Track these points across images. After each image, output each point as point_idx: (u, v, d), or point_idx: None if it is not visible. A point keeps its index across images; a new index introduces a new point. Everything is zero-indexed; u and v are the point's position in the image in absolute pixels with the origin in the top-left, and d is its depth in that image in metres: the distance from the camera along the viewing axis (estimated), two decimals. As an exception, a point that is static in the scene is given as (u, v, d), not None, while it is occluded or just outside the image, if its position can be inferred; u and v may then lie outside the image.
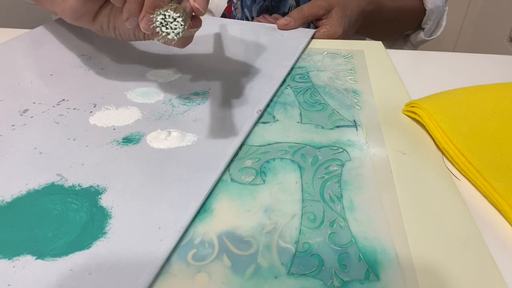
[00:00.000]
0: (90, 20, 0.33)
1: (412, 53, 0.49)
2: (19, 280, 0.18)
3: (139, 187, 0.24)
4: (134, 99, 0.33)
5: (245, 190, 0.24)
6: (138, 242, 0.20)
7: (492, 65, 0.44)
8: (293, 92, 0.36)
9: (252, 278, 0.19)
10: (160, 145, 0.28)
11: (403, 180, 0.26)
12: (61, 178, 0.24)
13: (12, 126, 0.29)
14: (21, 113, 0.31)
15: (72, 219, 0.22)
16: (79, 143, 0.28)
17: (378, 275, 0.20)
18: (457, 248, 0.21)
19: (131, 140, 0.28)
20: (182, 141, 0.28)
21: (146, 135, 0.29)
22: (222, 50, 0.44)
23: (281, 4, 0.57)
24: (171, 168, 0.25)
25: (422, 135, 0.30)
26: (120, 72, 0.38)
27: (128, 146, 0.28)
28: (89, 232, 0.21)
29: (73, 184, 0.24)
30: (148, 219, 0.22)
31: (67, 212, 0.22)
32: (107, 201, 0.23)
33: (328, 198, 0.24)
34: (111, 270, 0.19)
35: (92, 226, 0.21)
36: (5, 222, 0.21)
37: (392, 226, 0.22)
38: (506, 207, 0.24)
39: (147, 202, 0.23)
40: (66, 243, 0.20)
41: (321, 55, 0.43)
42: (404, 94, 0.36)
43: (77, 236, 0.21)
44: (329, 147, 0.28)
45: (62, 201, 0.23)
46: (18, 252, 0.20)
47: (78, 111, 0.31)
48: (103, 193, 0.23)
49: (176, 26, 0.25)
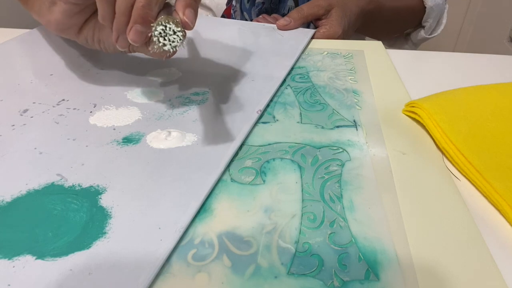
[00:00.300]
0: (76, 32, 0.33)
1: (412, 53, 0.49)
2: (19, 280, 0.18)
3: (139, 187, 0.24)
4: (134, 99, 0.33)
5: (245, 190, 0.24)
6: (138, 242, 0.20)
7: (492, 65, 0.44)
8: (293, 92, 0.36)
9: (252, 278, 0.19)
10: (160, 145, 0.28)
11: (403, 180, 0.26)
12: (61, 178, 0.24)
13: (12, 126, 0.29)
14: (21, 113, 0.31)
15: (72, 219, 0.22)
16: (79, 143, 0.28)
17: (378, 275, 0.20)
18: (457, 248, 0.21)
19: (131, 140, 0.28)
20: (182, 141, 0.28)
21: (146, 135, 0.29)
22: (222, 50, 0.44)
23: (280, 6, 0.57)
24: (171, 168, 0.25)
25: (422, 135, 0.30)
26: (120, 72, 0.38)
27: (128, 146, 0.28)
28: (89, 232, 0.21)
29: (73, 184, 0.24)
30: (148, 219, 0.22)
31: (67, 212, 0.22)
32: (107, 201, 0.23)
33: (328, 198, 0.24)
34: (111, 270, 0.19)
35: (92, 226, 0.21)
36: (5, 222, 0.21)
37: (392, 226, 0.22)
38: (506, 207, 0.24)
39: (147, 202, 0.23)
40: (66, 243, 0.20)
41: (321, 55, 0.43)
42: (404, 94, 0.36)
43: (77, 236, 0.21)
44: (329, 147, 0.28)
45: (62, 201, 0.23)
46: (18, 252, 0.20)
47: (78, 111, 0.31)
48: (103, 193, 0.23)
49: (174, 40, 0.25)
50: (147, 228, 0.21)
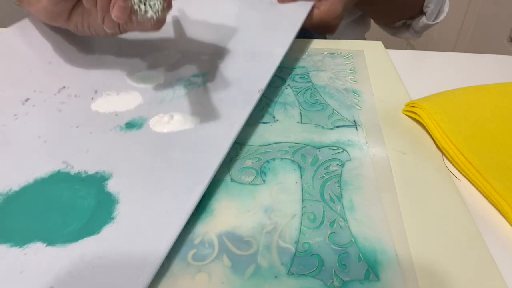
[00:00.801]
0: (65, 19, 0.33)
1: (412, 53, 0.49)
2: (31, 267, 0.19)
3: (144, 172, 0.24)
4: (134, 83, 0.33)
5: (245, 190, 0.24)
6: (146, 225, 0.21)
7: (492, 65, 0.44)
8: (293, 92, 0.36)
9: (252, 278, 0.19)
10: (163, 129, 0.28)
11: (403, 180, 0.26)
12: (67, 166, 0.24)
13: (15, 115, 0.29)
14: (23, 102, 0.30)
15: (80, 206, 0.22)
16: (83, 130, 0.28)
17: (378, 275, 0.20)
18: (457, 248, 0.21)
19: (134, 125, 0.28)
20: (185, 124, 0.28)
21: (149, 119, 0.29)
22: (219, 28, 0.42)
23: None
24: (175, 152, 0.25)
25: (422, 135, 0.30)
26: (120, 58, 0.37)
27: (131, 131, 0.28)
28: (97, 217, 0.21)
29: (79, 171, 0.24)
30: (155, 203, 0.22)
31: (75, 199, 0.22)
32: (114, 186, 0.23)
33: (328, 198, 0.24)
34: (121, 253, 0.19)
35: (100, 212, 0.21)
36: (14, 211, 0.21)
37: (392, 226, 0.22)
38: (506, 207, 0.24)
39: (153, 187, 0.23)
40: (76, 229, 0.20)
41: (321, 55, 0.43)
42: (404, 94, 0.36)
43: (86, 222, 0.21)
44: (329, 147, 0.28)
45: (69, 188, 0.23)
46: (29, 239, 0.20)
47: (79, 98, 0.31)
48: (109, 179, 0.23)
49: (155, 4, 0.25)
50: (155, 211, 0.21)
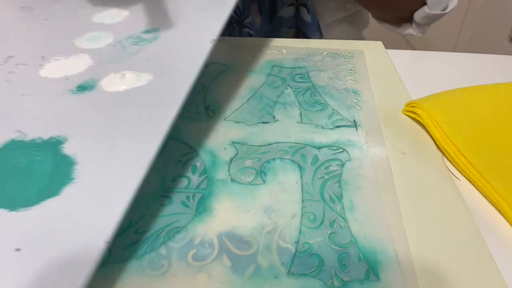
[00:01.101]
0: None
1: (412, 53, 0.49)
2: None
3: (100, 132, 0.24)
4: (83, 45, 0.32)
5: (245, 190, 0.24)
6: (107, 181, 0.20)
7: (492, 65, 0.44)
8: (293, 92, 0.36)
9: (252, 278, 0.19)
10: (116, 88, 0.27)
11: (403, 180, 0.26)
12: (21, 134, 0.24)
13: None
14: None
15: (38, 170, 0.22)
16: (33, 97, 0.27)
17: (378, 275, 0.20)
18: (457, 248, 0.21)
19: (86, 88, 0.28)
20: (137, 82, 0.27)
21: (101, 80, 0.28)
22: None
23: None
24: (130, 109, 0.25)
25: (422, 135, 0.30)
26: (65, 20, 0.36)
27: (83, 93, 0.27)
28: (57, 179, 0.21)
29: (33, 138, 0.24)
30: (114, 159, 0.22)
31: (33, 164, 0.22)
32: (70, 149, 0.23)
33: (328, 198, 0.24)
34: (85, 210, 0.19)
35: (59, 174, 0.21)
36: None
37: (392, 226, 0.22)
38: (506, 207, 0.24)
39: (110, 145, 0.23)
40: (36, 192, 0.20)
41: (321, 55, 0.43)
42: (404, 94, 0.36)
43: (46, 185, 0.21)
44: (329, 147, 0.28)
45: (25, 154, 0.23)
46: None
47: (27, 66, 0.30)
48: (64, 142, 0.23)
49: None
50: (114, 167, 0.21)
